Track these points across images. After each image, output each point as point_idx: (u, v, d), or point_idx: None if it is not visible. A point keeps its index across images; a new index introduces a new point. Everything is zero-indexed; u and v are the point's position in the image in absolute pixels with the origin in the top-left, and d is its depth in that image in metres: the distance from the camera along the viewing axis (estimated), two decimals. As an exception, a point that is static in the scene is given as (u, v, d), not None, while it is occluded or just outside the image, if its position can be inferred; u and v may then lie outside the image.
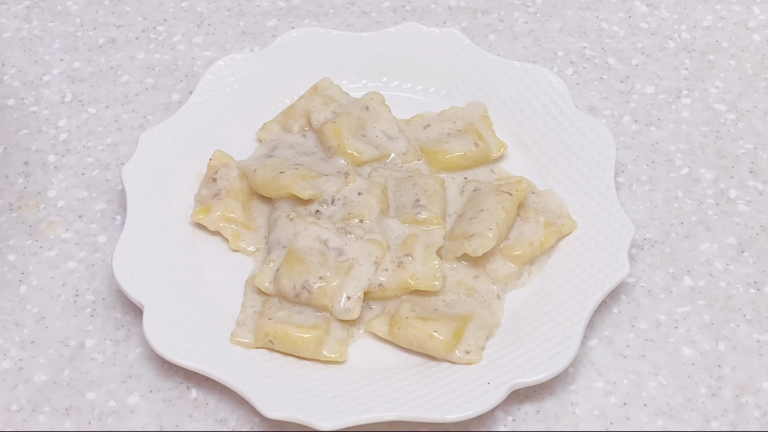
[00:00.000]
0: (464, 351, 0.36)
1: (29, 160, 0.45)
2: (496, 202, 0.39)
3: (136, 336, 0.38)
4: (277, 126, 0.44)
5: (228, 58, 0.45)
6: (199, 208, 0.40)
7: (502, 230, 0.38)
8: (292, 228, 0.38)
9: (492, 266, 0.39)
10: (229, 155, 0.42)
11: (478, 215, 0.39)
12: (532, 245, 0.39)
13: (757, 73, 0.47)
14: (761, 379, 0.36)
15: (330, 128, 0.42)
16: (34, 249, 0.41)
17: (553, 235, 0.39)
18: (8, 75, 0.49)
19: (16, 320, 0.39)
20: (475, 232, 0.38)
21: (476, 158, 0.42)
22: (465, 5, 0.51)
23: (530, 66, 0.44)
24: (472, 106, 0.44)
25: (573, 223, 0.40)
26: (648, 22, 0.50)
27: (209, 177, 0.41)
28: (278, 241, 0.38)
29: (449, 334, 0.36)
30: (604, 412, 0.36)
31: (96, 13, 0.51)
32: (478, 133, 0.43)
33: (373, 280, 0.37)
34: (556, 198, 0.41)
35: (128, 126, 0.46)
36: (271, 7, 0.51)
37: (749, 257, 0.40)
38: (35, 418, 0.36)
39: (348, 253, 0.37)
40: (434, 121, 0.44)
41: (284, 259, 0.37)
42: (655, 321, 0.38)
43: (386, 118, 0.43)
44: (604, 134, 0.42)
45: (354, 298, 0.36)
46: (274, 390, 0.35)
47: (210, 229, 0.40)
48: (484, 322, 0.37)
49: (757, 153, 0.44)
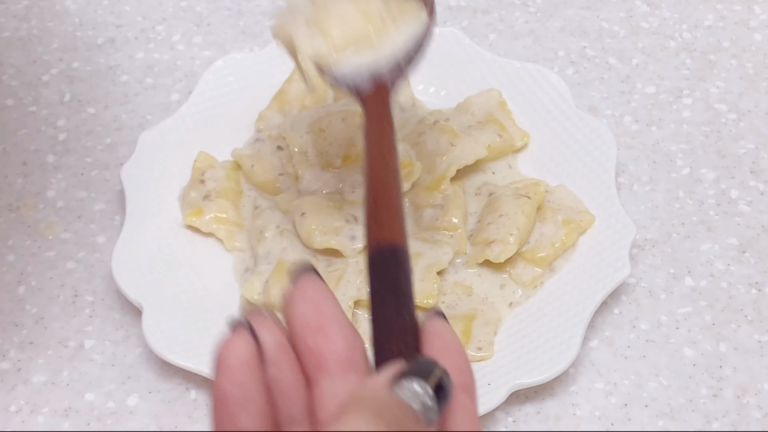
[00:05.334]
0: (476, 348, 0.36)
1: (28, 160, 0.45)
2: (516, 206, 0.39)
3: (135, 337, 0.38)
4: (274, 113, 0.43)
5: (227, 57, 0.45)
6: (190, 210, 0.40)
7: (523, 235, 0.38)
8: (281, 243, 0.38)
9: (516, 271, 0.38)
10: (212, 157, 0.42)
11: (497, 220, 0.38)
12: (554, 245, 0.38)
13: (759, 72, 0.47)
14: (762, 379, 0.36)
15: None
16: (33, 249, 0.41)
17: (574, 232, 0.39)
18: (7, 75, 0.48)
19: (15, 321, 0.39)
20: (496, 238, 0.38)
21: (501, 149, 0.42)
22: (465, 5, 0.51)
23: (530, 66, 0.44)
24: (487, 93, 0.44)
25: (591, 216, 0.39)
26: (649, 21, 0.50)
27: (196, 179, 0.41)
28: (267, 255, 0.38)
29: (458, 333, 0.36)
30: (605, 413, 0.36)
31: (95, 13, 0.51)
32: (499, 123, 0.42)
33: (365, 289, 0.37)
34: (569, 193, 0.40)
35: (127, 126, 0.46)
36: (270, 7, 0.51)
37: (750, 258, 0.40)
38: (34, 418, 0.36)
39: (336, 264, 0.37)
40: (452, 114, 0.43)
41: (274, 270, 0.37)
42: (656, 321, 0.38)
43: (404, 91, 0.44)
44: (605, 134, 0.42)
45: (343, 306, 0.36)
46: None
47: (203, 231, 0.40)
48: (488, 317, 0.37)
49: (759, 153, 0.44)
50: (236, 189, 0.41)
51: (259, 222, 0.39)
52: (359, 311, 0.37)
